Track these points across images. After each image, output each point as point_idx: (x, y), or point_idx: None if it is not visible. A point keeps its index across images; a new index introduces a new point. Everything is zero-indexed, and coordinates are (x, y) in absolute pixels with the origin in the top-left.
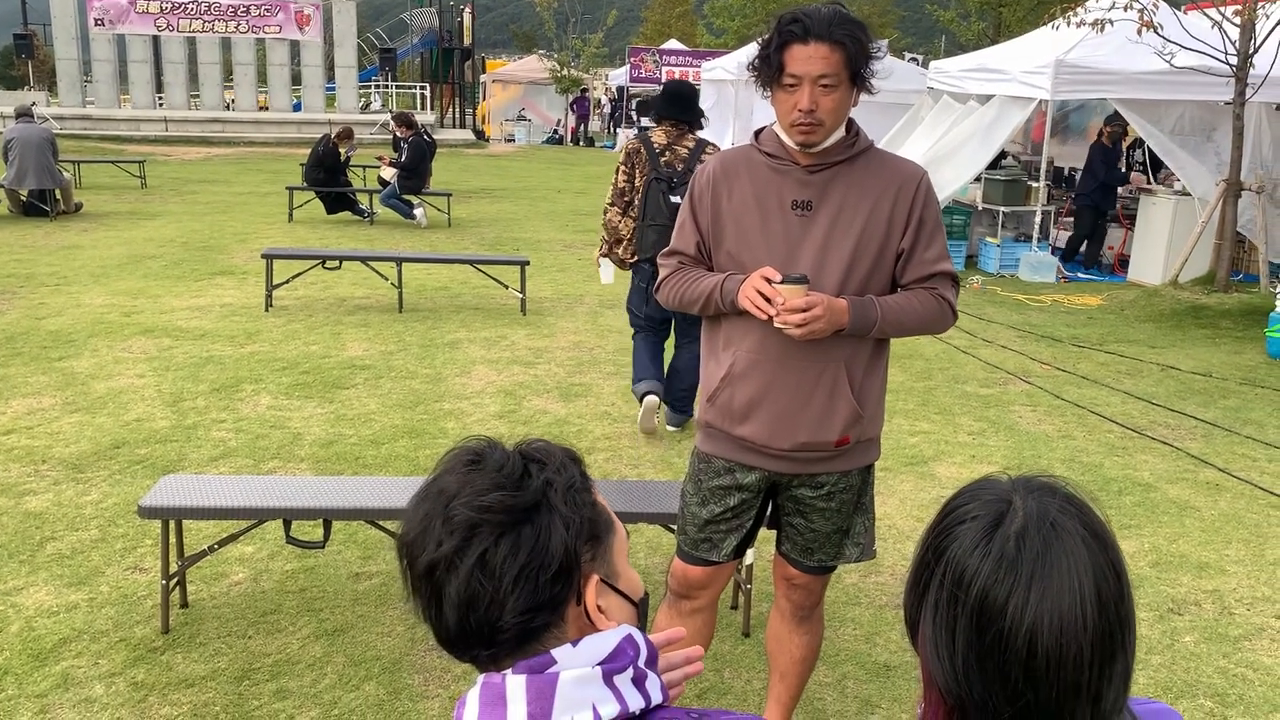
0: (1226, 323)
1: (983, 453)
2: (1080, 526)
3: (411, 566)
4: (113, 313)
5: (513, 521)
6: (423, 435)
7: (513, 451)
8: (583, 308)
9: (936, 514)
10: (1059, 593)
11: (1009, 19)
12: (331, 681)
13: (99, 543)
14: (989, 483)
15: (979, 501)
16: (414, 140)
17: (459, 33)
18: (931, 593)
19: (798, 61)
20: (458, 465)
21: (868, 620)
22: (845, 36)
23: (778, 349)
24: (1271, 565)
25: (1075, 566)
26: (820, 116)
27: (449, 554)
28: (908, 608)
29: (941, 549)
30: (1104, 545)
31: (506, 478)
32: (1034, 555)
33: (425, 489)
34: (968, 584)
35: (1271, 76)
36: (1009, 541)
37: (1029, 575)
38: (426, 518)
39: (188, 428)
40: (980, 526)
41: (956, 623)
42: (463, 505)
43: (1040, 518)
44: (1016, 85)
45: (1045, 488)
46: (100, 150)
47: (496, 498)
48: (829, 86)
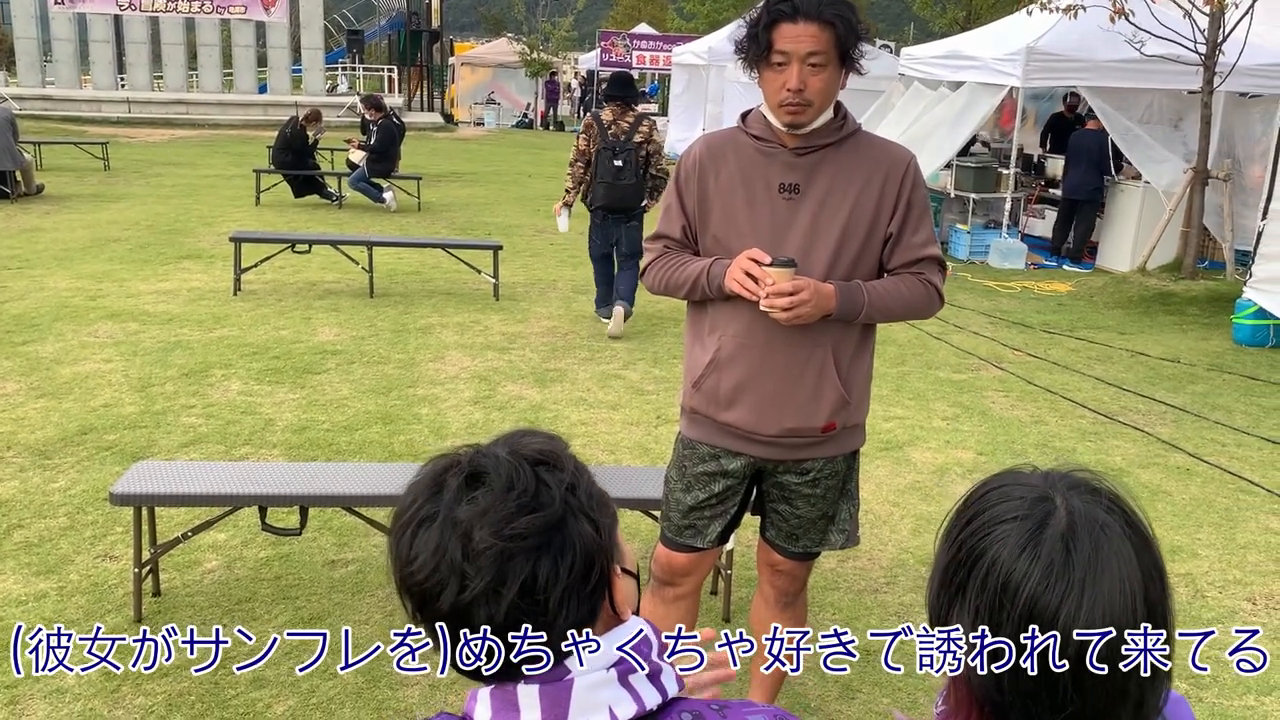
0: (1194, 309)
1: (957, 438)
2: (1125, 526)
3: (426, 604)
4: (77, 296)
5: (546, 541)
6: (396, 421)
7: (514, 460)
8: (556, 293)
9: (961, 509)
10: (1110, 597)
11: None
12: (308, 669)
13: (68, 530)
14: (1020, 477)
15: (1017, 500)
16: (383, 123)
17: (427, 15)
18: (970, 596)
19: (786, 39)
20: (457, 488)
21: (847, 605)
22: (835, 16)
23: (764, 334)
24: (1242, 548)
25: (1125, 569)
26: (809, 96)
27: (483, 591)
28: (935, 608)
29: (979, 550)
30: (1148, 545)
31: (525, 494)
32: (1084, 560)
33: (419, 515)
34: (1014, 592)
35: (1239, 66)
36: (1057, 545)
37: (1080, 581)
38: (439, 553)
39: (157, 413)
40: (1025, 529)
41: (1001, 630)
42: (489, 535)
43: (1088, 519)
44: (987, 72)
45: (1084, 485)
46: (61, 131)
47: (527, 522)
48: (817, 65)
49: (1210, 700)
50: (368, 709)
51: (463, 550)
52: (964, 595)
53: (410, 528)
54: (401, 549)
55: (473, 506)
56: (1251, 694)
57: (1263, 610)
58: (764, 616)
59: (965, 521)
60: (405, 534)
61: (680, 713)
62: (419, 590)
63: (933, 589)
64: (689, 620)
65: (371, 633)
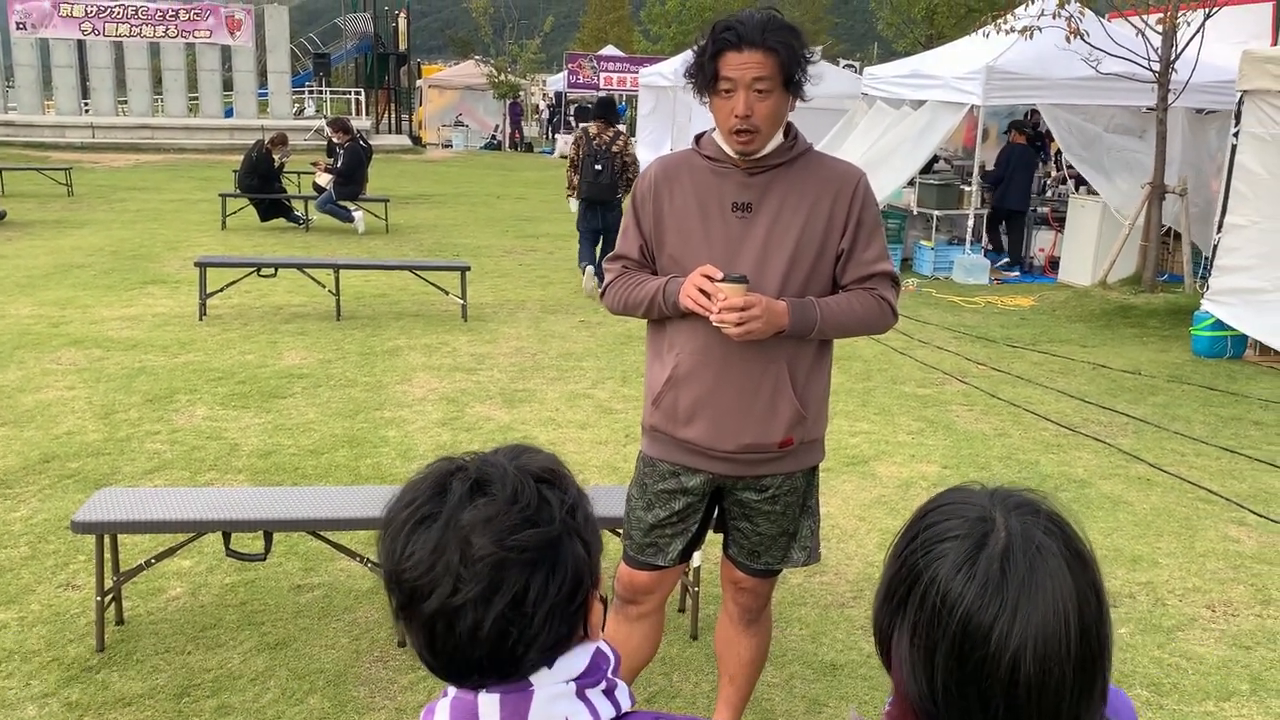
0: (1154, 322)
1: (922, 452)
2: (1063, 547)
3: (413, 602)
4: (40, 323)
5: (542, 557)
6: (363, 444)
7: (520, 474)
8: (524, 313)
9: (909, 525)
10: (1044, 618)
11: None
12: (274, 696)
13: (29, 560)
14: (965, 494)
15: (959, 519)
16: (350, 146)
17: (394, 38)
18: (909, 612)
19: (732, 67)
20: (462, 493)
21: (814, 620)
22: (778, 43)
23: (720, 351)
24: (1201, 556)
25: (1060, 589)
26: (756, 123)
27: (475, 596)
28: (879, 621)
29: (919, 567)
30: (1085, 566)
31: (529, 509)
32: (1019, 579)
33: (419, 514)
34: (950, 608)
35: (1193, 83)
36: (993, 565)
37: (1014, 600)
38: (437, 553)
39: (121, 440)
40: (963, 548)
41: (937, 647)
42: (490, 543)
43: (1025, 539)
44: (948, 91)
45: (1026, 505)
46: (23, 158)
47: (528, 535)
48: (763, 92)
49: (1171, 707)
50: None
51: (461, 554)
52: (905, 611)
53: (409, 524)
54: (397, 544)
55: (476, 513)
56: (1211, 700)
57: (1221, 617)
58: (729, 633)
59: (909, 539)
60: (403, 530)
61: None
62: (410, 587)
63: (877, 604)
64: (654, 638)
65: (339, 657)
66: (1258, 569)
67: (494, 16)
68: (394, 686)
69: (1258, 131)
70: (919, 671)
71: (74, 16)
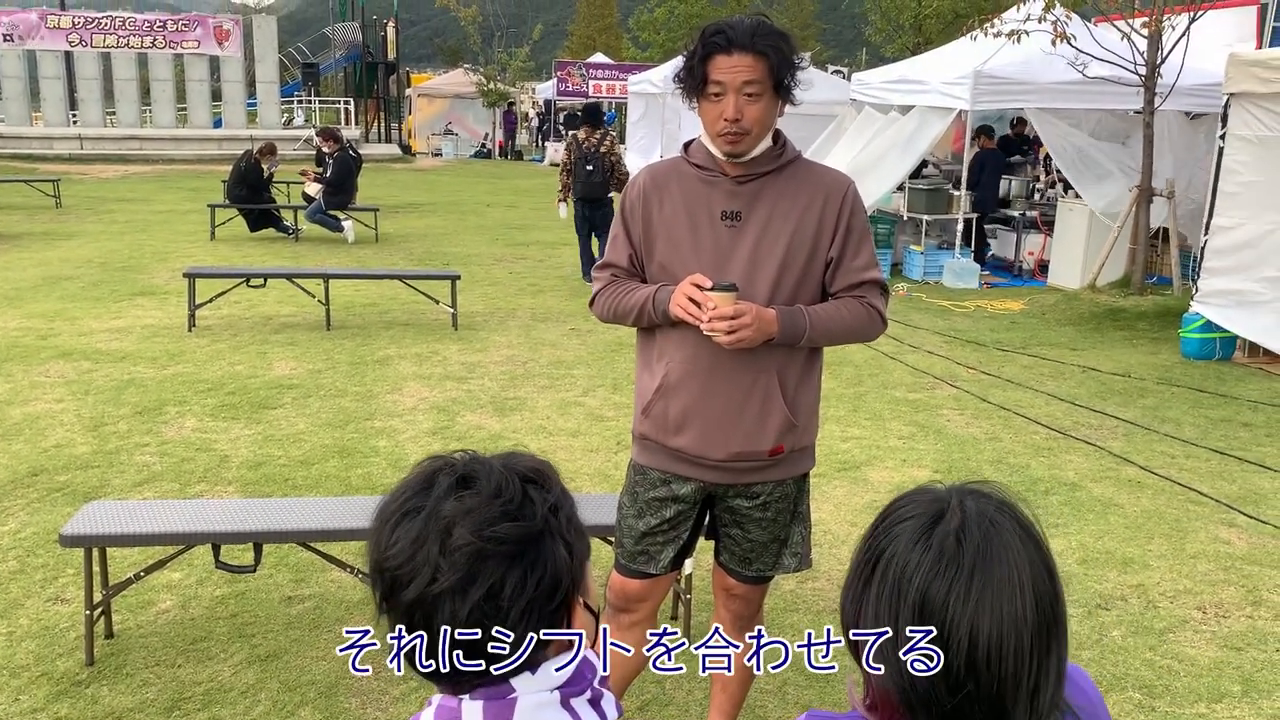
0: (1143, 324)
1: (913, 456)
2: (1016, 525)
3: (394, 592)
4: (28, 336)
5: (520, 552)
6: (354, 454)
7: (505, 470)
8: (515, 321)
9: (875, 519)
10: (999, 586)
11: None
12: (266, 708)
13: (17, 574)
14: (925, 488)
15: (918, 503)
16: (339, 155)
17: (383, 47)
18: (873, 590)
19: (721, 70)
20: (447, 486)
21: (806, 626)
22: (768, 47)
23: (709, 359)
24: (1192, 559)
25: (1014, 561)
26: (746, 125)
27: (452, 586)
28: (846, 610)
29: (881, 549)
30: (1037, 544)
31: (511, 504)
32: (974, 550)
33: (405, 507)
34: (909, 579)
35: (1180, 86)
36: (948, 538)
37: (969, 569)
38: (418, 543)
39: (109, 453)
40: (919, 525)
41: (899, 618)
42: (469, 533)
43: (979, 515)
44: (937, 96)
45: (979, 490)
46: (11, 169)
47: (507, 528)
48: (753, 95)
49: (1163, 709)
50: None
51: (440, 544)
52: (868, 590)
53: (395, 517)
54: (383, 535)
55: (458, 504)
56: (1203, 701)
57: (1213, 619)
58: None
59: (873, 528)
60: (388, 522)
61: None
62: (390, 576)
63: (844, 590)
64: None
65: (330, 669)
66: (1248, 570)
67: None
68: (385, 698)
69: (1244, 134)
70: (885, 645)
71: (61, 28)
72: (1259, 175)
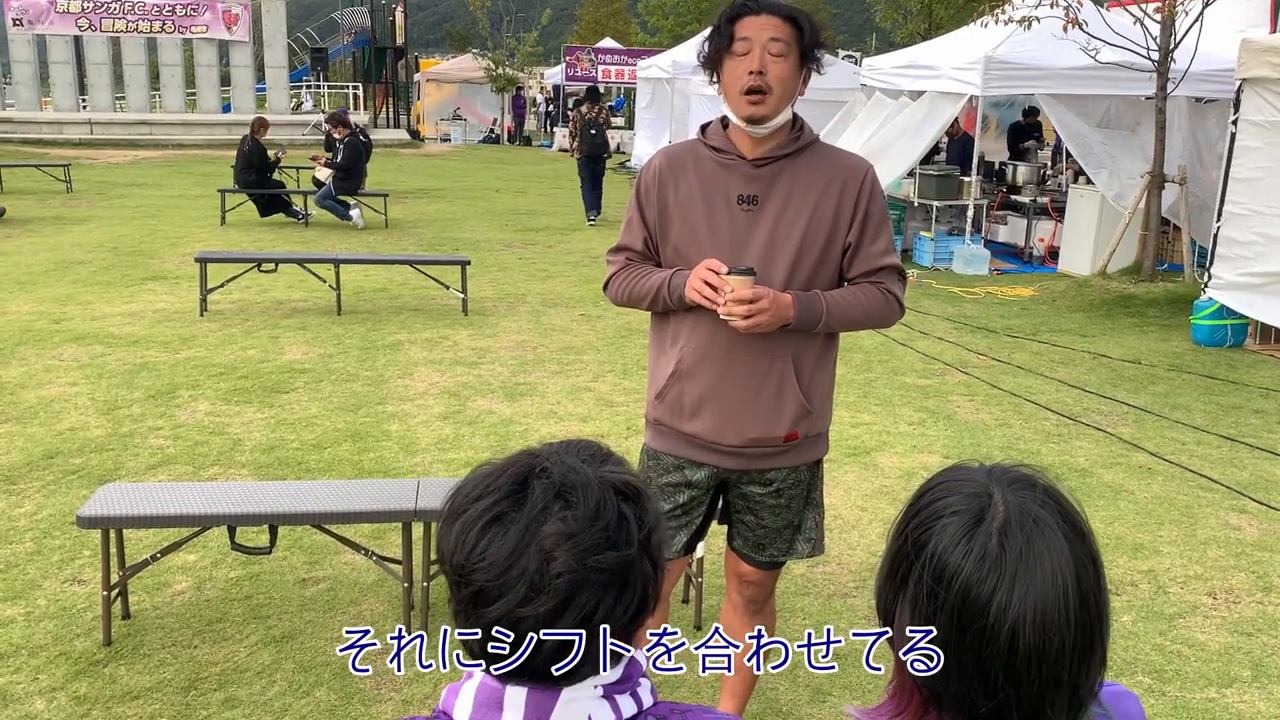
0: (1153, 311)
1: (923, 442)
2: (1060, 520)
3: (478, 604)
4: (41, 320)
5: (615, 580)
6: (366, 438)
7: (602, 486)
8: (525, 307)
9: (910, 504)
10: (1042, 589)
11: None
12: (281, 689)
13: (35, 555)
14: (964, 472)
15: (958, 495)
16: (349, 140)
17: (391, 32)
18: (910, 587)
19: (749, 27)
20: (545, 501)
21: (817, 610)
22: (796, 13)
23: (725, 345)
24: (1202, 545)
25: (1057, 561)
26: (769, 82)
27: (546, 611)
28: (881, 598)
29: (921, 542)
30: (1082, 537)
31: (610, 528)
32: (1017, 553)
33: (495, 510)
34: (949, 580)
35: (1192, 72)
36: (991, 539)
37: (1012, 573)
38: (513, 558)
39: (124, 436)
40: (961, 522)
41: (936, 618)
42: (571, 561)
43: (1022, 513)
44: (947, 81)
45: (1023, 480)
46: (21, 154)
47: (610, 558)
48: (778, 54)
49: (1173, 694)
50: None
51: (539, 566)
52: (906, 585)
53: (484, 520)
54: (468, 538)
55: (557, 525)
56: (1213, 687)
57: (1223, 605)
58: (733, 624)
59: (911, 516)
60: (477, 525)
61: (649, 715)
62: (478, 587)
63: (879, 580)
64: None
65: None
66: (1259, 556)
67: (491, 10)
68: (399, 679)
69: (1257, 119)
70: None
71: (70, 12)
72: (1272, 160)
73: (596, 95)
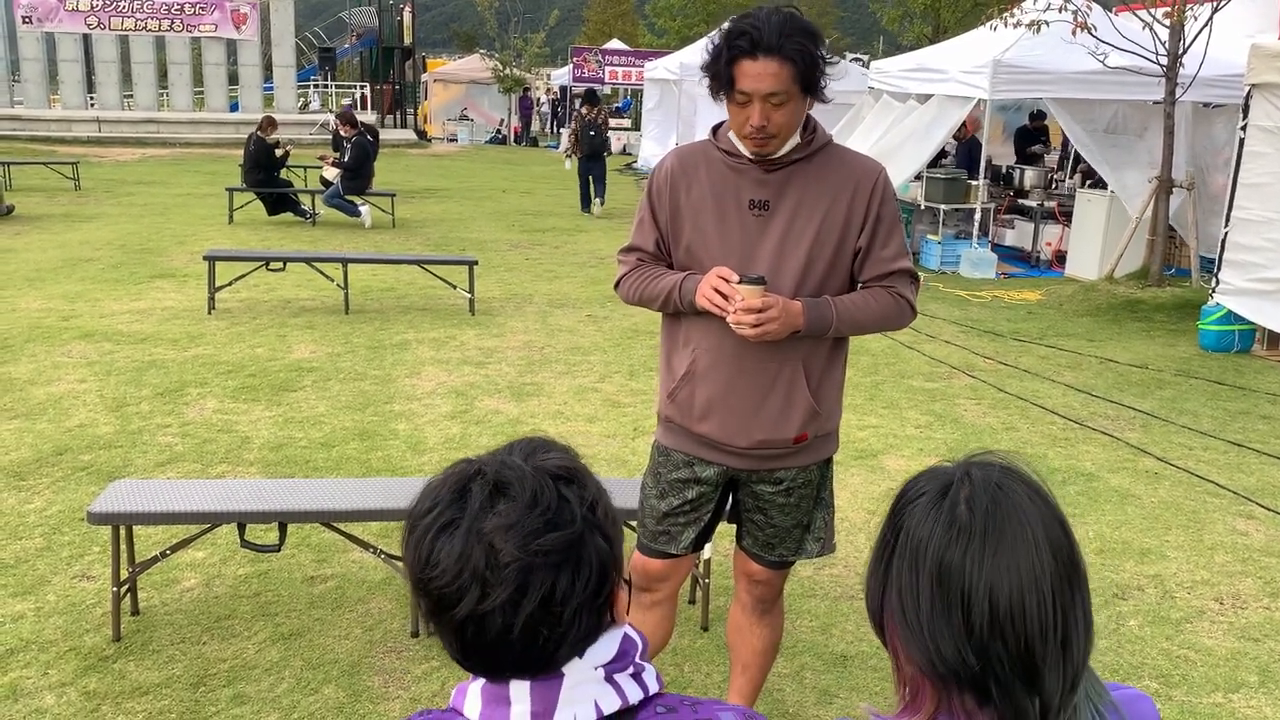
0: (1161, 316)
1: (930, 445)
2: (1023, 484)
3: (444, 610)
4: (50, 317)
5: (567, 557)
6: (374, 437)
7: (538, 474)
8: (532, 307)
9: (892, 502)
10: (1013, 543)
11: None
12: (290, 685)
13: (44, 551)
14: (935, 467)
15: (928, 480)
16: (357, 139)
17: (399, 32)
18: (894, 568)
19: (747, 79)
20: (483, 499)
21: (824, 612)
22: (794, 51)
23: (735, 348)
24: (1209, 550)
25: (1024, 519)
26: (772, 130)
27: (504, 602)
28: (870, 594)
29: (898, 528)
30: (1045, 500)
31: (549, 510)
32: (984, 513)
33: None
34: (924, 551)
35: (1200, 76)
36: (958, 505)
37: (981, 531)
38: (463, 560)
39: (132, 433)
40: (930, 499)
41: (919, 589)
42: (514, 549)
43: (985, 481)
44: (955, 85)
45: (984, 459)
46: (30, 152)
47: (553, 539)
48: (779, 104)
49: (1179, 698)
50: None
51: (486, 561)
52: (890, 571)
53: (432, 531)
54: (421, 551)
55: (498, 519)
56: (1219, 691)
57: (1230, 610)
58: (741, 624)
59: (891, 510)
60: (426, 536)
61: (657, 706)
62: (438, 594)
63: (868, 576)
64: (666, 626)
65: (353, 647)
66: (1266, 562)
67: (499, 10)
68: (408, 676)
69: (1266, 125)
70: (910, 618)
71: (79, 10)
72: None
73: (595, 98)
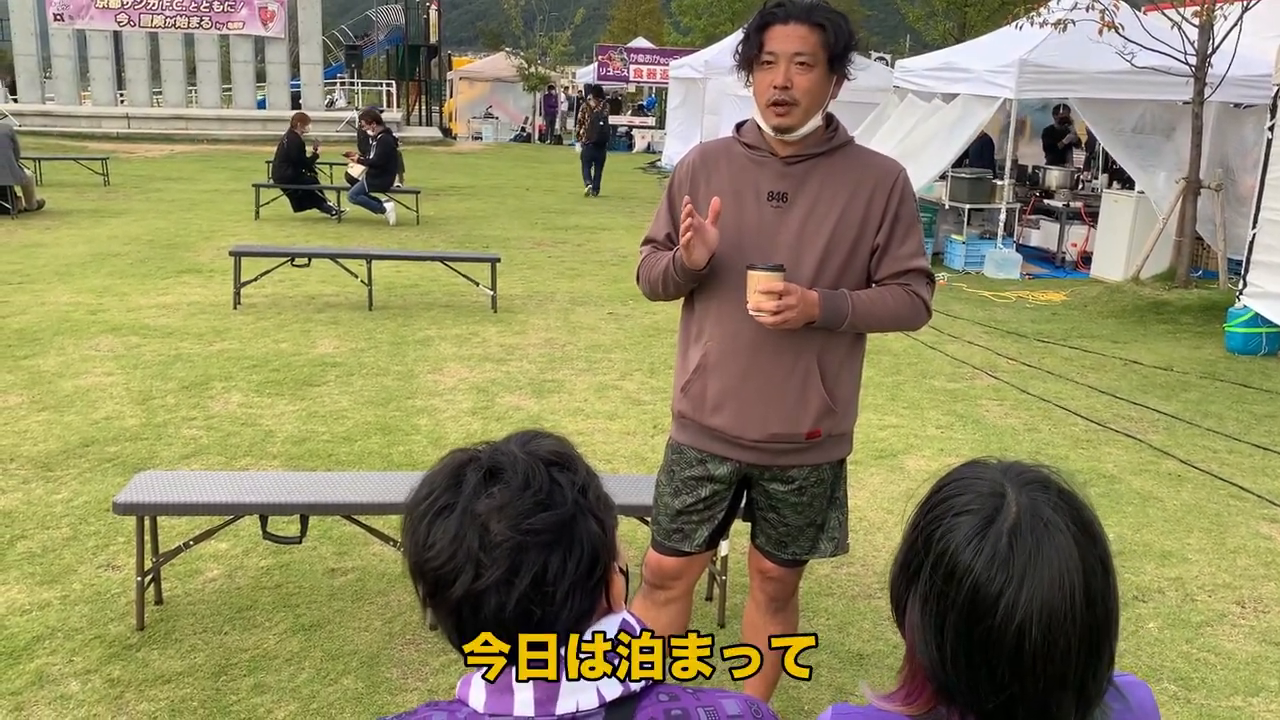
0: (1187, 318)
1: (951, 446)
2: (1071, 523)
3: (439, 590)
4: (78, 310)
5: (558, 538)
6: (395, 432)
7: (530, 459)
8: (554, 305)
9: (925, 498)
10: (1049, 590)
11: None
12: (309, 676)
13: (70, 541)
14: (979, 469)
15: (972, 494)
16: (382, 137)
17: (425, 30)
18: (921, 581)
19: (776, 40)
20: (476, 482)
21: (840, 611)
22: (824, 19)
23: (750, 339)
24: (1231, 553)
25: (1065, 563)
26: (795, 95)
27: (497, 581)
28: (895, 588)
29: (933, 538)
30: (1093, 540)
31: (541, 493)
32: (1026, 554)
33: (436, 505)
34: (959, 579)
35: (1229, 76)
36: (1001, 539)
37: (1020, 573)
38: (457, 541)
39: (158, 425)
40: (973, 522)
41: (946, 616)
42: (506, 529)
43: (1033, 515)
44: (981, 84)
45: (1038, 481)
46: (61, 148)
47: (543, 519)
48: (804, 65)
49: (1199, 701)
50: (367, 714)
51: (480, 540)
52: (918, 580)
53: (428, 516)
54: (419, 535)
55: (491, 500)
56: (1239, 695)
57: (1251, 613)
58: (757, 620)
59: (925, 511)
60: (423, 521)
61: (659, 693)
62: (434, 575)
63: (894, 571)
64: (681, 624)
65: (372, 639)
66: None
67: (525, 9)
68: (426, 669)
69: None
70: (930, 638)
71: (110, 8)
72: None
73: (600, 91)
